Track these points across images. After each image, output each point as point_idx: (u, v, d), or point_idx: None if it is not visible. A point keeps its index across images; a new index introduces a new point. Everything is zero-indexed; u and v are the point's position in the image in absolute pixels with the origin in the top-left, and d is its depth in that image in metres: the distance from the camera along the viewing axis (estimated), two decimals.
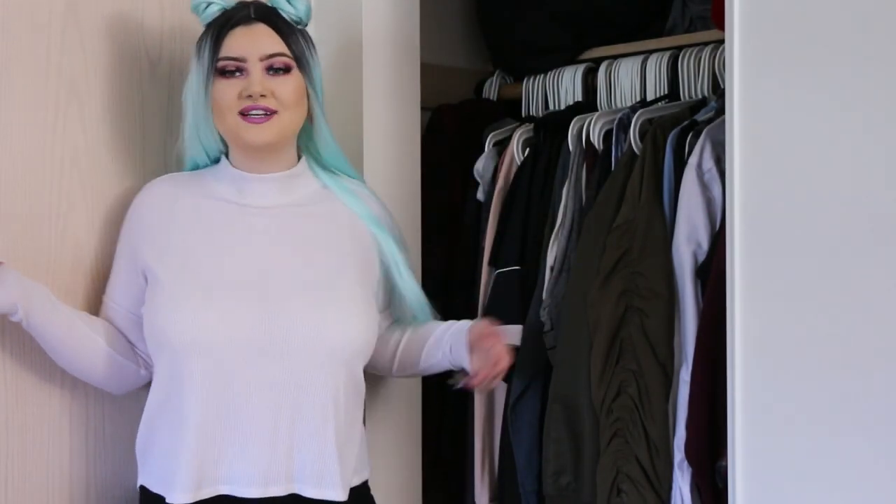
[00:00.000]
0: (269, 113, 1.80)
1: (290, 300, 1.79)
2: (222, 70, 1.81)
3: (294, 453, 1.78)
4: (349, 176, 2.00)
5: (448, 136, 2.75)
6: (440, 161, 2.69)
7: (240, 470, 1.77)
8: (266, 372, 1.76)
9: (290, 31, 1.84)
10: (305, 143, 1.95)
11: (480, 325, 1.92)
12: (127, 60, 2.03)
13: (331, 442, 1.79)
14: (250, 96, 1.79)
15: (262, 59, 1.81)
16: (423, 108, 2.45)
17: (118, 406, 2.00)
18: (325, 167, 1.96)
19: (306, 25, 1.90)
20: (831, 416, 1.69)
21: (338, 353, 1.80)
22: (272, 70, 1.81)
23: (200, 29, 1.89)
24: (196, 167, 1.94)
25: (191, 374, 1.76)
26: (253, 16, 1.83)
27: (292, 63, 1.83)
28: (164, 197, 1.89)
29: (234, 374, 1.76)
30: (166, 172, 2.01)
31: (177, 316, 1.76)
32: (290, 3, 1.86)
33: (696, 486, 2.10)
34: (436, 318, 2.04)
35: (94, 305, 1.95)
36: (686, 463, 2.09)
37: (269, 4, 1.87)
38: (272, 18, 1.84)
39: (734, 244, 1.77)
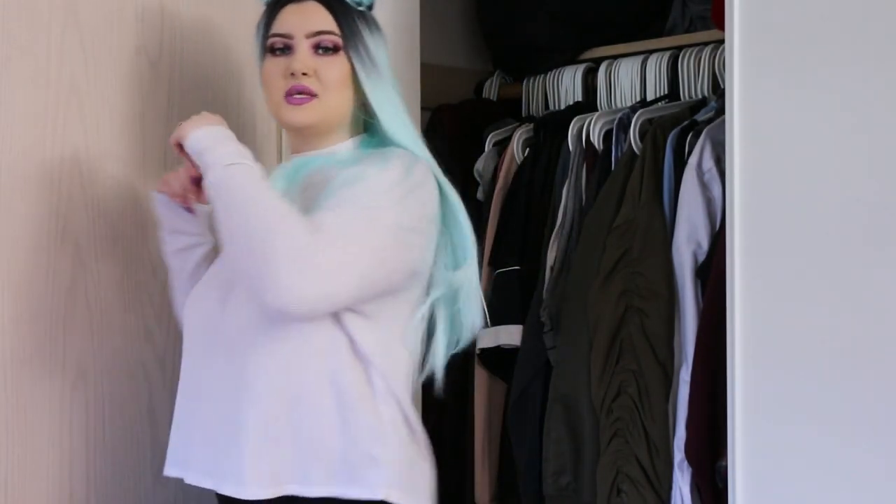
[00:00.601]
0: (311, 95, 1.73)
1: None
2: (271, 48, 1.75)
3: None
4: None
5: (448, 136, 2.75)
6: (440, 161, 2.68)
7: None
8: (212, 354, 1.69)
9: (344, 9, 1.76)
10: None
11: None
12: (127, 60, 2.03)
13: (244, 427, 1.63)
14: (293, 74, 1.72)
15: (308, 37, 1.73)
16: (423, 108, 2.44)
17: (118, 407, 2.00)
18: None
19: (369, 8, 1.80)
20: (831, 416, 1.69)
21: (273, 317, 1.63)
22: (320, 49, 1.73)
23: (201, 29, 1.89)
24: None
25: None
26: None
27: (341, 43, 1.74)
28: None
29: (197, 359, 1.73)
30: (166, 172, 2.01)
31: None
32: None
33: (696, 486, 2.10)
34: None
35: (94, 305, 1.95)
36: (686, 463, 2.09)
37: None
38: None
39: (734, 244, 1.77)
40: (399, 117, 1.80)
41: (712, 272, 2.06)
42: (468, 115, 2.79)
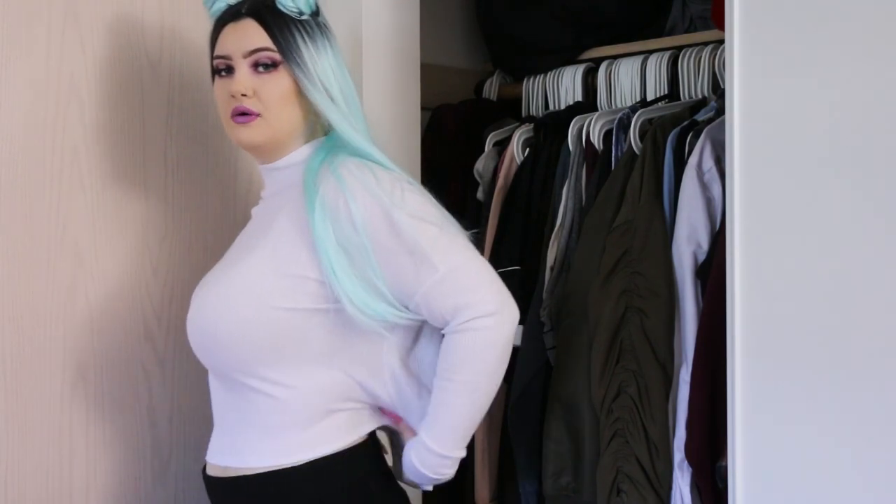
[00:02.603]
0: (254, 115, 1.73)
1: (201, 290, 1.76)
2: (216, 69, 1.77)
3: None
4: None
5: (448, 136, 2.76)
6: (440, 161, 2.69)
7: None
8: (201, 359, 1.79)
9: (280, 23, 1.74)
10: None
11: None
12: (127, 60, 2.03)
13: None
14: (233, 96, 1.73)
15: (245, 56, 1.73)
16: (423, 108, 2.45)
17: (118, 407, 2.00)
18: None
19: (311, 15, 1.77)
20: (831, 416, 1.68)
21: (213, 335, 1.71)
22: (260, 66, 1.73)
23: (201, 30, 1.88)
24: None
25: None
26: (243, 11, 1.76)
27: (279, 58, 1.72)
28: None
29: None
30: (166, 172, 2.01)
31: None
32: None
33: (696, 486, 2.10)
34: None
35: (95, 305, 1.95)
36: (686, 463, 2.09)
37: None
38: (261, 12, 1.74)
39: (734, 244, 1.77)
40: (346, 123, 1.76)
41: (712, 272, 2.06)
42: (468, 115, 2.79)
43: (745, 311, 1.76)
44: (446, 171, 2.70)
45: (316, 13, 1.79)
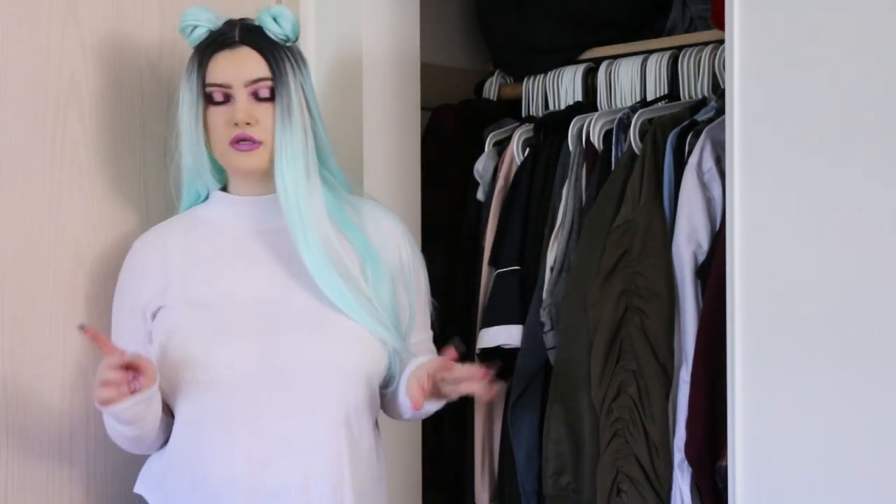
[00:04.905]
0: (256, 143, 1.77)
1: (291, 328, 1.76)
2: (209, 97, 1.78)
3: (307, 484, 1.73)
4: (345, 189, 1.91)
5: (448, 136, 2.75)
6: (440, 161, 2.69)
7: None
8: (270, 406, 1.72)
9: (275, 53, 1.79)
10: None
11: (438, 360, 1.78)
12: (127, 60, 2.03)
13: (345, 468, 1.75)
14: (237, 124, 1.76)
15: (246, 85, 1.77)
16: (423, 108, 2.45)
17: None
18: (330, 184, 1.87)
19: (294, 42, 1.84)
20: (831, 416, 1.68)
21: (349, 373, 1.77)
22: (258, 96, 1.77)
23: None
24: (196, 194, 1.90)
25: (204, 412, 1.74)
26: (237, 39, 1.79)
27: (273, 89, 1.78)
28: (154, 245, 1.86)
29: (241, 411, 1.73)
30: (166, 172, 2.01)
31: (186, 357, 1.74)
32: (276, 22, 1.80)
33: (696, 486, 2.10)
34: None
35: (95, 305, 1.95)
36: (686, 463, 2.09)
37: (255, 23, 1.82)
38: (256, 41, 1.79)
39: (734, 244, 1.77)
40: (315, 150, 1.82)
41: (712, 272, 2.06)
42: (468, 115, 2.79)
43: (745, 310, 1.76)
44: (446, 171, 2.70)
45: (296, 39, 1.84)
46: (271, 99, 1.78)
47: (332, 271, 1.76)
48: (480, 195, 2.63)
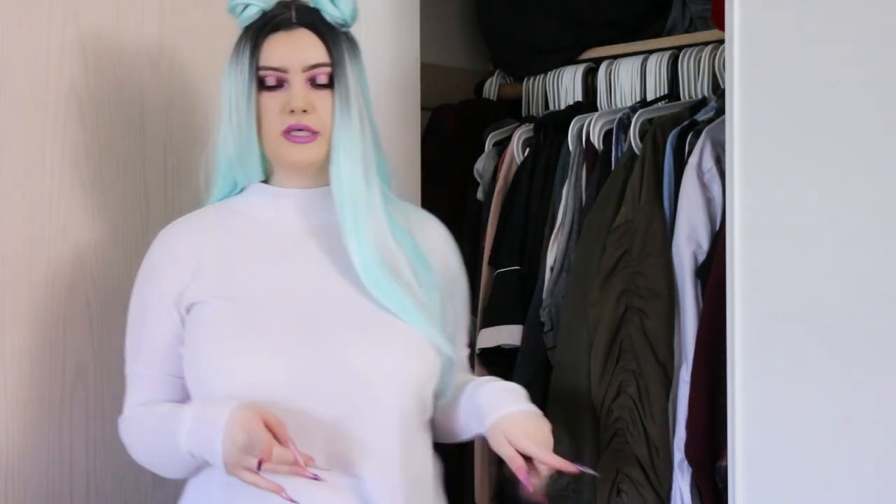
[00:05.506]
0: (313, 133, 1.64)
1: (344, 333, 1.63)
2: (261, 81, 1.65)
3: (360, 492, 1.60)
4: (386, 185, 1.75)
5: (448, 136, 2.75)
6: (440, 161, 2.69)
7: None
8: (323, 413, 1.59)
9: (334, 37, 1.67)
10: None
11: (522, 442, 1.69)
12: (127, 60, 2.03)
13: (398, 475, 1.63)
14: (293, 111, 1.63)
15: (304, 70, 1.64)
16: (423, 108, 2.45)
17: (118, 407, 2.00)
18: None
19: (351, 27, 1.71)
20: (831, 417, 1.68)
21: (406, 381, 1.65)
22: (315, 83, 1.65)
23: (202, 30, 1.88)
24: (232, 185, 1.75)
25: None
26: (294, 20, 1.66)
27: (332, 76, 1.66)
28: (186, 233, 1.71)
29: (290, 422, 1.54)
30: (166, 172, 2.01)
31: (224, 362, 1.60)
32: (334, 4, 1.68)
33: (696, 486, 2.10)
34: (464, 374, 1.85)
35: (94, 305, 1.95)
36: (686, 463, 2.09)
37: (312, 5, 1.69)
38: (315, 23, 1.66)
39: (734, 244, 1.77)
40: (370, 149, 1.70)
41: (712, 272, 2.06)
42: (468, 115, 2.79)
43: (745, 311, 1.76)
44: (446, 171, 2.70)
45: (350, 26, 1.73)
46: (328, 86, 1.65)
47: (384, 272, 1.64)
48: (480, 195, 2.64)
